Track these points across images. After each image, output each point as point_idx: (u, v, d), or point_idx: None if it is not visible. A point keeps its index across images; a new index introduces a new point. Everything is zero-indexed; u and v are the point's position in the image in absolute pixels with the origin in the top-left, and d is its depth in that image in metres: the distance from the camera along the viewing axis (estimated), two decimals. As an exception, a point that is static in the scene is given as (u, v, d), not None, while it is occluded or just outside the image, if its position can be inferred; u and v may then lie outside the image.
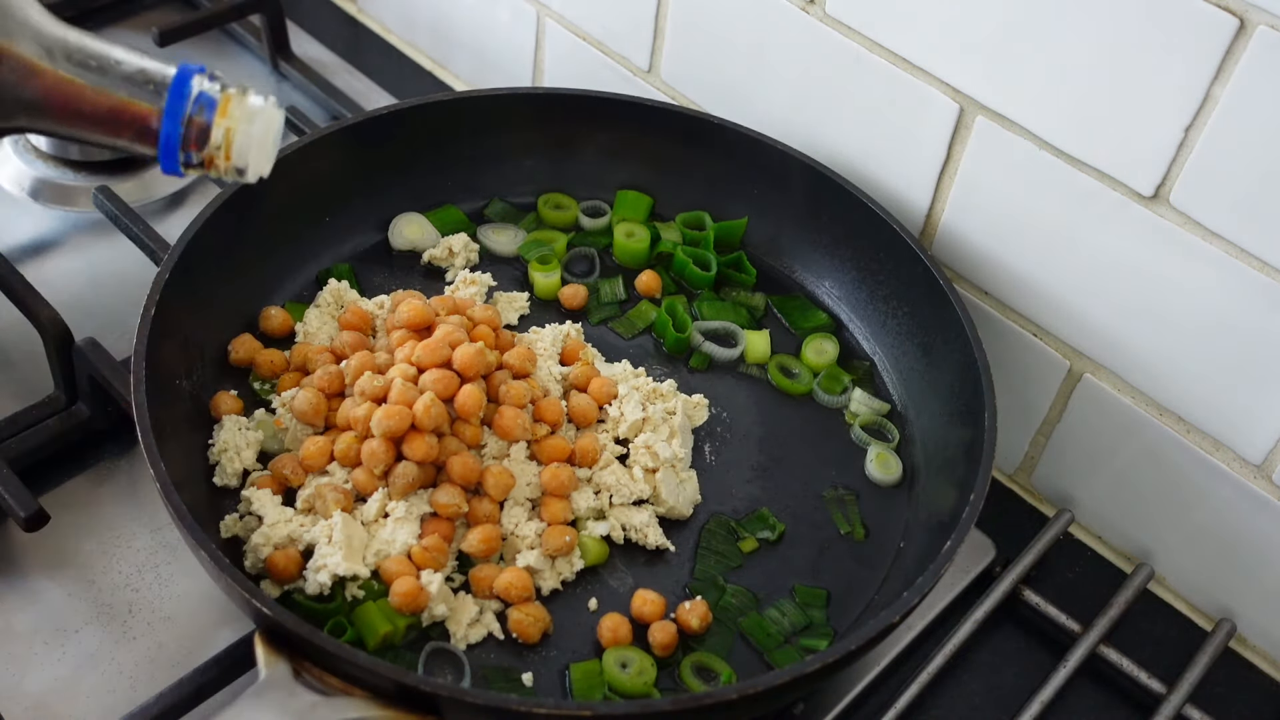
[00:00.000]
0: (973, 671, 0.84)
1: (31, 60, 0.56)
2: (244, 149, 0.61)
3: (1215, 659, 0.84)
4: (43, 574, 0.82)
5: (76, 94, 0.57)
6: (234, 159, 0.61)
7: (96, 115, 0.58)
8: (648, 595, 0.78)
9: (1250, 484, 0.83)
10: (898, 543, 0.84)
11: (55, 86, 0.57)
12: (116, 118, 0.58)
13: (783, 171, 0.97)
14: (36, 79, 0.57)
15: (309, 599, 0.74)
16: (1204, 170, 0.75)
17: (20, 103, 0.57)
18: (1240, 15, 0.70)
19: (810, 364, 0.94)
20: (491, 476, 0.79)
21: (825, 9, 0.91)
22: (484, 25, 1.19)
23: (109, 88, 0.58)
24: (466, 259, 0.98)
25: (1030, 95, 0.82)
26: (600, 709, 0.64)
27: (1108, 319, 0.85)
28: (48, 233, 1.05)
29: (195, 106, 0.59)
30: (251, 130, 0.61)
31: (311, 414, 0.81)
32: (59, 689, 0.76)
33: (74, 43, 0.58)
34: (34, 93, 0.57)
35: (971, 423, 0.82)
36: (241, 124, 0.60)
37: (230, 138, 0.60)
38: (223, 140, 0.60)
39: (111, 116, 0.58)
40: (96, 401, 0.87)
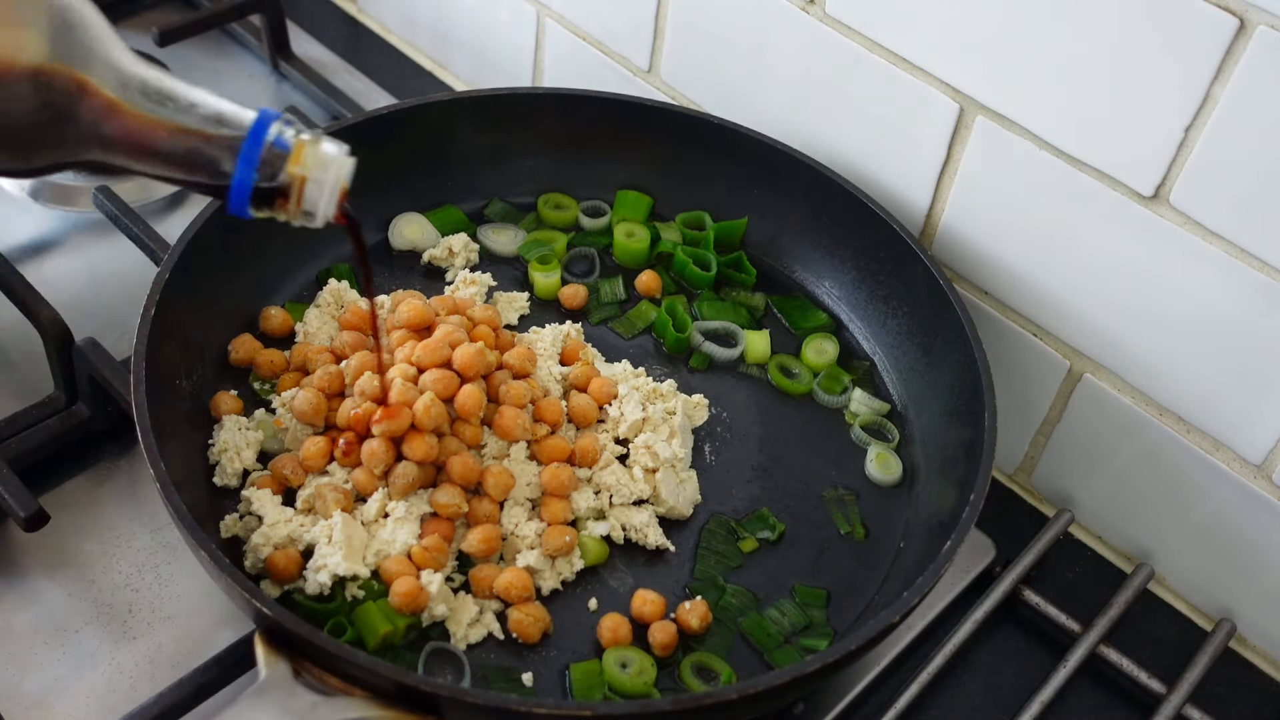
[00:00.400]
0: (973, 671, 0.84)
1: (110, 96, 0.57)
2: (314, 197, 0.61)
3: (1215, 659, 0.84)
4: (43, 574, 0.82)
5: (152, 133, 0.58)
6: (304, 205, 0.61)
7: (171, 155, 0.58)
8: (648, 595, 0.78)
9: (1250, 484, 0.83)
10: (898, 543, 0.84)
11: (132, 124, 0.57)
12: (191, 159, 0.59)
13: (783, 171, 0.97)
14: (114, 115, 0.57)
15: (309, 599, 0.74)
16: (1204, 170, 0.75)
17: (96, 138, 0.57)
18: (1240, 15, 0.70)
19: (810, 364, 0.94)
20: (491, 476, 0.79)
21: (825, 9, 0.91)
22: (484, 25, 1.19)
23: (186, 128, 0.58)
24: (466, 259, 0.98)
25: (1030, 95, 0.82)
26: (600, 709, 0.64)
27: (1108, 319, 0.85)
28: (48, 233, 1.05)
29: (270, 153, 0.59)
30: (324, 179, 0.61)
31: (311, 414, 0.81)
32: (59, 689, 0.76)
33: (153, 82, 0.58)
34: (110, 129, 0.57)
35: (971, 423, 0.82)
36: (314, 171, 0.61)
37: (302, 185, 0.60)
38: (294, 187, 0.60)
39: (186, 157, 0.58)
40: (96, 401, 0.87)
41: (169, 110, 0.58)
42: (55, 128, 0.56)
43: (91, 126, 0.57)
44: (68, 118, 0.56)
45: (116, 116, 0.57)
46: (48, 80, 0.55)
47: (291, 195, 0.61)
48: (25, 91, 0.55)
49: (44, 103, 0.55)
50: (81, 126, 0.57)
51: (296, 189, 0.61)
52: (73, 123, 0.57)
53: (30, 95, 0.55)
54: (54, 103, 0.55)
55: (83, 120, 0.57)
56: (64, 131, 0.57)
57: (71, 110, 0.56)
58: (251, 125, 0.59)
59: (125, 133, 0.58)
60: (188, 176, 0.60)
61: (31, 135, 0.56)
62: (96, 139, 0.58)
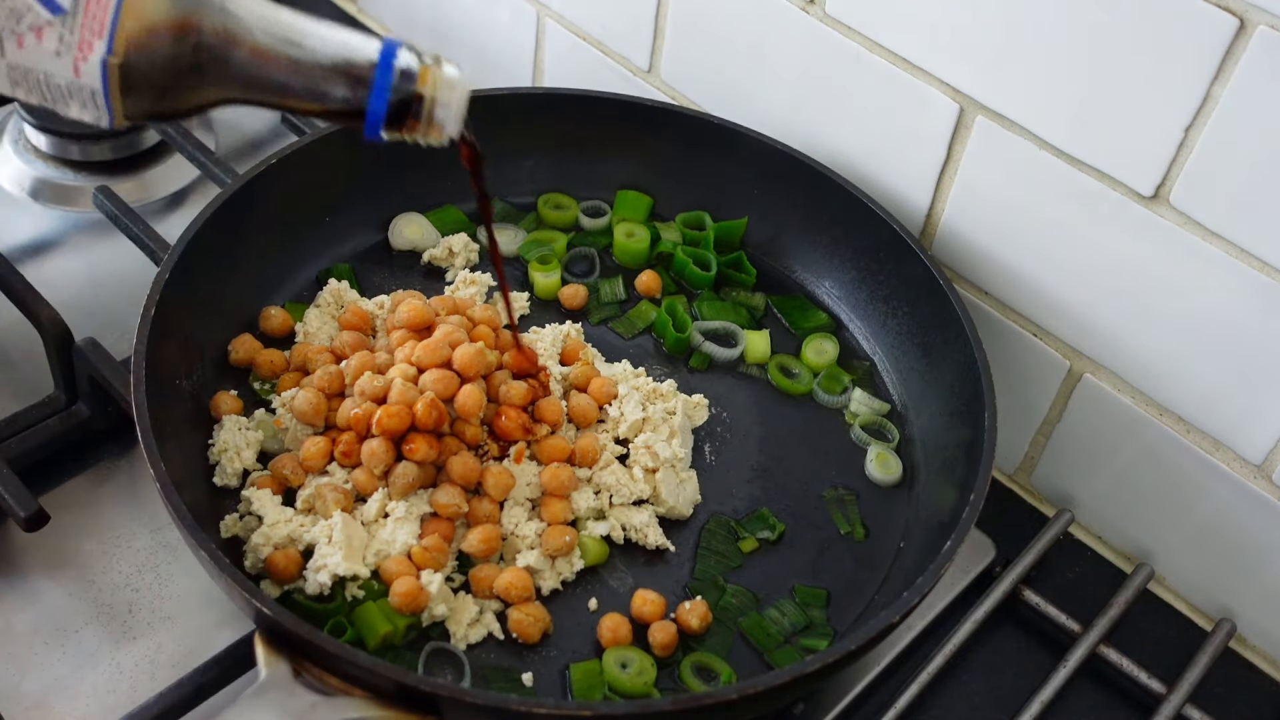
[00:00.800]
0: (973, 671, 0.84)
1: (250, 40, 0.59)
2: (442, 117, 0.65)
3: (1215, 659, 0.84)
4: (43, 574, 0.82)
5: (291, 71, 0.60)
6: (434, 124, 0.65)
7: (309, 90, 0.61)
8: (648, 595, 0.78)
9: (1250, 484, 0.83)
10: (898, 543, 0.84)
11: (271, 64, 0.60)
12: (328, 91, 0.61)
13: (783, 171, 0.97)
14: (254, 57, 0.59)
15: (309, 599, 0.74)
16: (1204, 170, 0.75)
17: (239, 79, 0.60)
18: (1240, 15, 0.70)
19: (810, 364, 0.94)
20: (491, 476, 0.79)
21: (825, 9, 0.91)
22: (484, 25, 1.19)
23: (321, 64, 0.61)
24: (466, 259, 0.98)
25: (1030, 95, 0.82)
26: (600, 709, 0.64)
27: (1108, 319, 0.85)
28: (48, 233, 1.05)
29: (401, 79, 0.63)
30: (450, 99, 0.64)
31: (311, 414, 0.81)
32: (59, 689, 0.76)
33: (286, 22, 0.61)
34: (251, 71, 0.60)
35: (971, 423, 0.82)
36: (442, 93, 0.64)
37: (431, 106, 0.64)
38: (424, 108, 0.64)
39: (323, 90, 0.61)
40: (96, 401, 0.87)
41: (303, 48, 0.61)
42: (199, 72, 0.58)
43: (233, 69, 0.59)
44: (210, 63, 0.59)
45: (256, 58, 0.60)
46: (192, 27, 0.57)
47: (422, 116, 0.64)
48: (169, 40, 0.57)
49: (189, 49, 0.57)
50: (224, 70, 0.59)
51: (427, 110, 0.64)
52: (215, 67, 0.59)
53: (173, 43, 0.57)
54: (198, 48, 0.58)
55: (225, 64, 0.59)
56: (207, 75, 0.59)
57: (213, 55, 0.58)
58: (380, 54, 0.62)
59: (265, 73, 0.60)
60: (325, 107, 0.62)
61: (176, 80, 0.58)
62: (239, 80, 0.60)
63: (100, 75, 0.56)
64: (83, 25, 0.55)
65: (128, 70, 0.56)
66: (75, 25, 0.55)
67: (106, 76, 0.56)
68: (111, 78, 0.56)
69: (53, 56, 0.56)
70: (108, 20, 0.55)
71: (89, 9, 0.55)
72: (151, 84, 0.58)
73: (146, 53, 0.56)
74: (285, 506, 0.78)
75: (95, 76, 0.56)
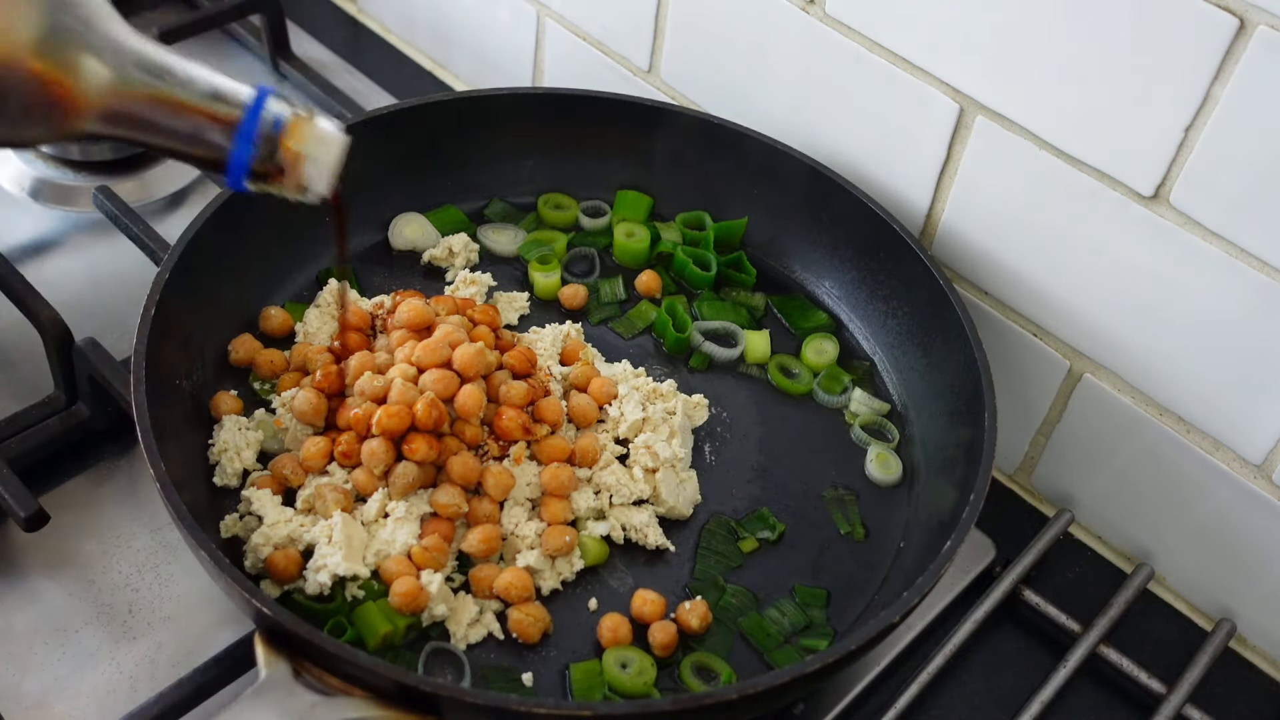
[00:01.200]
0: (973, 671, 0.84)
1: (111, 73, 0.58)
2: (311, 172, 0.63)
3: (1215, 659, 0.84)
4: (43, 574, 0.82)
5: (152, 108, 0.59)
6: (300, 180, 0.63)
7: (170, 130, 0.60)
8: (648, 595, 0.78)
9: (1250, 484, 0.83)
10: (898, 543, 0.84)
11: (131, 99, 0.58)
12: (190, 134, 0.60)
13: (783, 171, 0.97)
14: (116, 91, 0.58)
15: (309, 599, 0.74)
16: (1204, 170, 0.75)
17: (96, 111, 0.58)
18: (1240, 15, 0.70)
19: (810, 364, 0.94)
20: (491, 476, 0.79)
21: (825, 9, 0.91)
22: (484, 25, 1.19)
23: (185, 103, 0.59)
24: (466, 259, 0.98)
25: (1030, 95, 0.82)
26: (600, 709, 0.64)
27: (1108, 319, 0.85)
28: (48, 233, 1.05)
29: (269, 128, 0.61)
30: (319, 155, 0.62)
31: (311, 414, 0.81)
32: (59, 689, 0.76)
33: (153, 56, 0.59)
34: (110, 104, 0.58)
35: (971, 423, 0.82)
36: (310, 147, 0.62)
37: (298, 160, 0.62)
38: (291, 162, 0.62)
39: (185, 132, 0.60)
40: (96, 401, 0.87)
41: (168, 85, 0.59)
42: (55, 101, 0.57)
43: (91, 100, 0.58)
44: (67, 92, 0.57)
45: (116, 91, 0.58)
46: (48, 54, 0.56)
47: (289, 172, 0.62)
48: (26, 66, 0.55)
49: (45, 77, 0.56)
50: (81, 100, 0.58)
51: (294, 166, 0.62)
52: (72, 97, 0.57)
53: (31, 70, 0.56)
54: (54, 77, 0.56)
55: (82, 94, 0.57)
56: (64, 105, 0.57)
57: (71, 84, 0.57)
58: (250, 102, 0.60)
59: (124, 107, 0.59)
60: (186, 150, 0.61)
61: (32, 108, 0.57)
62: (97, 112, 0.58)
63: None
64: None
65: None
66: None
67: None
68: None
69: None
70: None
71: None
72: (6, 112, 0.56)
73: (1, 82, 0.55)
74: (285, 506, 0.78)
75: None
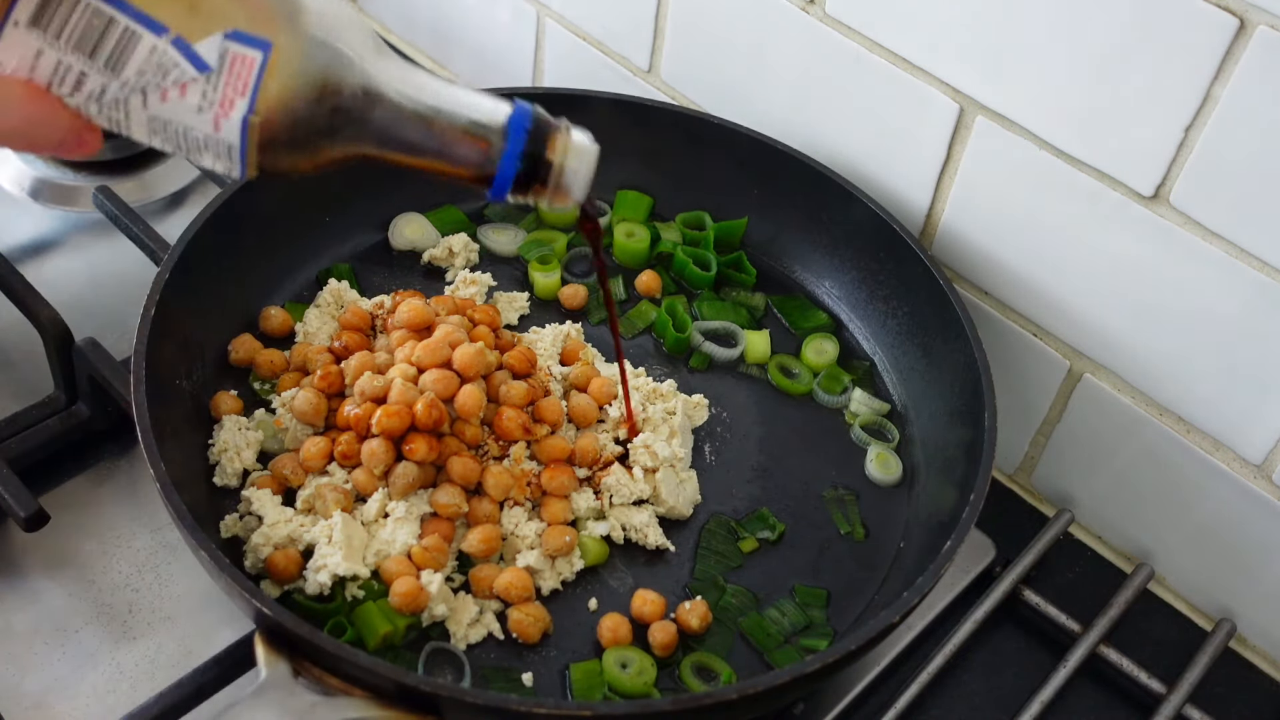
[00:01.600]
0: (973, 671, 0.84)
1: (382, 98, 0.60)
2: (569, 184, 0.65)
3: (1215, 659, 0.84)
4: (43, 574, 0.82)
5: (425, 132, 0.61)
6: (561, 189, 0.65)
7: (441, 152, 0.62)
8: (648, 595, 0.78)
9: (1250, 484, 0.83)
10: (898, 543, 0.84)
11: (407, 125, 0.61)
12: (459, 154, 0.62)
13: (783, 171, 0.97)
14: (386, 116, 0.60)
15: (309, 599, 0.74)
16: (1204, 170, 0.75)
17: (369, 137, 0.60)
18: (1240, 15, 0.70)
19: (810, 364, 0.94)
20: (491, 476, 0.79)
21: (825, 9, 0.91)
22: (484, 25, 1.19)
23: (455, 126, 0.61)
24: (466, 259, 0.98)
25: (1030, 95, 0.82)
26: (600, 709, 0.64)
27: (1108, 319, 0.85)
28: (48, 233, 1.05)
29: (532, 144, 0.63)
30: (578, 165, 0.65)
31: (311, 414, 0.81)
32: (59, 689, 0.76)
33: (421, 83, 0.61)
34: (387, 131, 0.60)
35: (971, 423, 0.82)
36: (570, 159, 0.64)
37: (559, 173, 0.64)
38: (553, 174, 0.64)
39: (455, 153, 0.62)
40: (96, 401, 0.87)
41: (438, 111, 0.61)
42: (336, 132, 0.59)
43: (369, 130, 0.60)
44: (348, 124, 0.59)
45: (393, 121, 0.60)
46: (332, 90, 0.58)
47: (550, 181, 0.64)
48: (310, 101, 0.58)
49: (327, 110, 0.58)
50: (361, 130, 0.60)
51: (555, 176, 0.64)
52: (352, 128, 0.60)
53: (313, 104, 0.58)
54: (336, 110, 0.58)
55: (362, 125, 0.60)
56: (343, 135, 0.60)
57: (351, 117, 0.59)
58: (510, 118, 0.63)
59: (400, 135, 0.61)
60: (456, 169, 0.63)
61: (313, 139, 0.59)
62: (374, 140, 0.61)
63: (240, 132, 0.57)
64: (226, 84, 0.56)
65: (267, 128, 0.57)
66: (219, 83, 0.56)
67: (246, 133, 0.57)
68: (251, 135, 0.57)
69: (194, 112, 0.56)
70: (251, 80, 0.56)
71: (233, 68, 0.56)
72: (289, 142, 0.58)
73: (287, 112, 0.57)
74: (285, 506, 0.78)
75: (235, 133, 0.57)
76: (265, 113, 0.57)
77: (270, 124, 0.57)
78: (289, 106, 0.57)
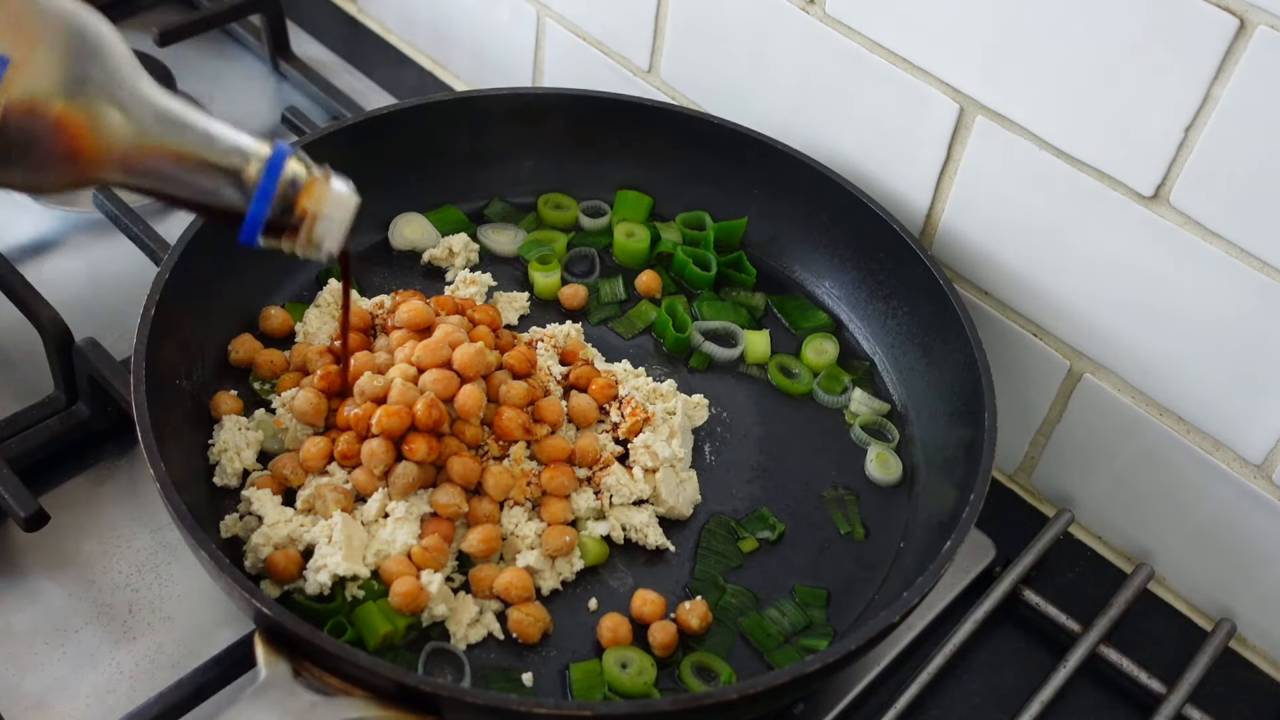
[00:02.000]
0: (973, 671, 0.84)
1: (133, 125, 0.58)
2: (324, 232, 0.63)
3: (1215, 659, 0.84)
4: (43, 574, 0.82)
5: (170, 163, 0.59)
6: (313, 238, 0.64)
7: (188, 185, 0.60)
8: (648, 595, 0.78)
9: (1250, 484, 0.83)
10: (898, 543, 0.84)
11: (152, 153, 0.59)
12: (207, 190, 0.60)
13: (783, 171, 0.97)
14: (132, 142, 0.58)
15: (309, 599, 0.74)
16: (1204, 170, 0.75)
17: (115, 163, 0.59)
18: (1240, 15, 0.70)
19: (810, 364, 0.94)
20: (491, 476, 0.79)
21: (825, 9, 0.91)
22: (484, 25, 1.19)
23: (204, 160, 0.60)
24: (466, 259, 0.98)
25: (1030, 95, 0.82)
26: (600, 709, 0.64)
27: (1108, 319, 0.85)
28: (48, 233, 1.05)
29: (286, 188, 0.61)
30: (333, 214, 0.63)
31: (311, 414, 0.81)
32: (59, 689, 0.76)
33: (174, 112, 0.60)
34: (132, 157, 0.59)
35: (971, 423, 0.82)
36: (325, 207, 0.63)
37: (313, 220, 0.63)
38: (305, 221, 0.63)
39: (202, 189, 0.60)
40: (96, 401, 0.87)
41: (189, 141, 0.59)
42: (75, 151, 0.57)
43: (112, 152, 0.58)
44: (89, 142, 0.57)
45: (136, 144, 0.58)
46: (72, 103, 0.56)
47: (302, 230, 0.63)
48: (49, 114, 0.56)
49: (67, 126, 0.56)
50: (102, 151, 0.58)
51: (308, 224, 0.63)
52: (93, 147, 0.58)
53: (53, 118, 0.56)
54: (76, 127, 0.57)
55: (103, 145, 0.58)
56: (83, 155, 0.58)
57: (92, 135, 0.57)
58: (268, 160, 0.61)
59: (144, 161, 0.59)
60: (202, 203, 0.61)
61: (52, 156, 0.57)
62: (117, 164, 0.59)
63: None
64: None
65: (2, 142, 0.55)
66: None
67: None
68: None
69: None
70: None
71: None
72: (25, 162, 0.57)
73: (22, 132, 0.55)
74: (285, 506, 0.78)
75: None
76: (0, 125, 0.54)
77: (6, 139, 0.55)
78: (24, 126, 0.55)
